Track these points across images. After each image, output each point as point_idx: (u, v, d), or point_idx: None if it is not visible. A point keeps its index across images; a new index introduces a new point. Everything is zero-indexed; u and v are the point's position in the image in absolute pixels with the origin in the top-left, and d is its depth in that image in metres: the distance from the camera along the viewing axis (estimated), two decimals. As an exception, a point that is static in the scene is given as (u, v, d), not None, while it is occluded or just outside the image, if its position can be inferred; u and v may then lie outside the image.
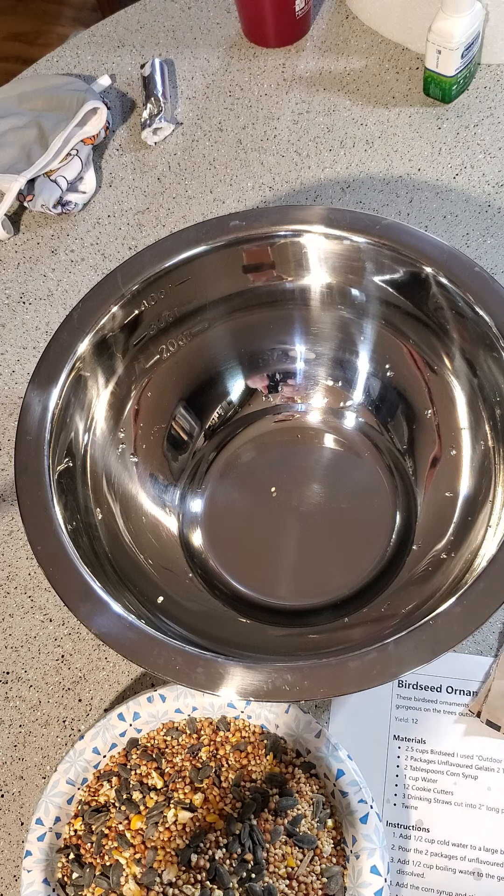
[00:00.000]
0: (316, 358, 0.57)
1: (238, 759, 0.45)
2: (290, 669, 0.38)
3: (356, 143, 0.70)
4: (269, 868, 0.41)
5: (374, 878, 0.40)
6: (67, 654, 0.52)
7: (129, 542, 0.49)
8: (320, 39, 0.77)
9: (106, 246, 0.68)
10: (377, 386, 0.55)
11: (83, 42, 0.81)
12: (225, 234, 0.50)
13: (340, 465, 0.55)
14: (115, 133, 0.74)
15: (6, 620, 0.53)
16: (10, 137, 0.69)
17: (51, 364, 0.47)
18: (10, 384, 0.62)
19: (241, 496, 0.54)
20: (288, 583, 0.51)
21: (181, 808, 0.43)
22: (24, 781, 0.49)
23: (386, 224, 0.49)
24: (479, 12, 0.65)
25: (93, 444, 0.50)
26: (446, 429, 0.51)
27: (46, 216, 0.70)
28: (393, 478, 0.54)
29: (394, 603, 0.48)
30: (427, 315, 0.50)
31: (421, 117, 0.70)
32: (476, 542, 0.45)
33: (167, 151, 0.72)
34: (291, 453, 0.56)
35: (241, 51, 0.77)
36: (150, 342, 0.53)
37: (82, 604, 0.40)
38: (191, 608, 0.49)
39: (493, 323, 0.46)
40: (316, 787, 0.44)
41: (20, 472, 0.44)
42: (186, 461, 0.56)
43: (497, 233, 0.64)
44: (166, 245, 0.50)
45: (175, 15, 0.81)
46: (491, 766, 0.46)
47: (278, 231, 0.51)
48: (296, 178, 0.69)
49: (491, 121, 0.69)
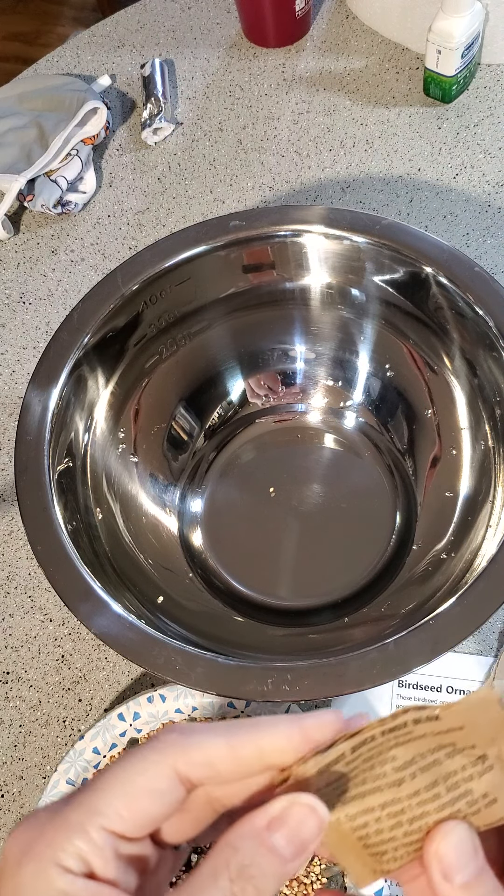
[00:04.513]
0: (316, 358, 0.57)
1: (238, 759, 0.45)
2: (290, 669, 0.38)
3: (356, 143, 0.70)
4: (269, 868, 0.41)
5: (374, 878, 0.40)
6: (67, 654, 0.52)
7: (129, 542, 0.49)
8: (320, 39, 0.77)
9: (106, 246, 0.68)
10: (377, 386, 0.55)
11: (83, 42, 0.81)
12: (225, 234, 0.50)
13: (340, 465, 0.55)
14: (115, 133, 0.74)
15: (6, 620, 0.53)
16: (10, 137, 0.69)
17: (51, 364, 0.47)
18: (10, 384, 0.62)
19: (242, 496, 0.54)
20: (288, 583, 0.51)
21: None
22: (24, 781, 0.49)
23: (386, 224, 0.49)
24: (479, 12, 0.65)
25: (93, 444, 0.50)
26: (446, 429, 0.51)
27: (46, 216, 0.70)
28: (393, 478, 0.54)
29: (394, 603, 0.48)
30: (427, 315, 0.50)
31: (421, 117, 0.70)
32: (476, 542, 0.45)
33: (167, 151, 0.72)
34: (291, 453, 0.56)
35: (241, 51, 0.77)
36: (150, 342, 0.53)
37: (82, 604, 0.40)
38: (191, 608, 0.49)
39: (493, 323, 0.46)
40: (316, 787, 0.44)
41: (20, 472, 0.44)
42: (186, 461, 0.56)
43: (497, 233, 0.64)
44: (166, 245, 0.50)
45: (175, 15, 0.81)
46: (491, 766, 0.46)
47: (278, 231, 0.51)
48: (296, 178, 0.69)
49: (491, 121, 0.69)
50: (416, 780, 0.23)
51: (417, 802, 0.23)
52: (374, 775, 0.23)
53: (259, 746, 0.23)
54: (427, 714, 0.22)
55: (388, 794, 0.23)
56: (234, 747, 0.23)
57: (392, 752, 0.23)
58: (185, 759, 0.22)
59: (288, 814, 0.22)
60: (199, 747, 0.23)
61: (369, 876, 0.24)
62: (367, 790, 0.23)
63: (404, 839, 0.23)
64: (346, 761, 0.23)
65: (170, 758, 0.22)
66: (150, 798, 0.22)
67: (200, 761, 0.22)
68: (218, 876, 0.21)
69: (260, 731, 0.23)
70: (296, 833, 0.21)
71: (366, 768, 0.23)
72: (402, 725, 0.22)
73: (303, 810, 0.22)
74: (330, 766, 0.23)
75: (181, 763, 0.22)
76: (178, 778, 0.22)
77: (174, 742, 0.23)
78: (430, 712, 0.22)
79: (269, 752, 0.23)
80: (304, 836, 0.21)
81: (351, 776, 0.23)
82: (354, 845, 0.23)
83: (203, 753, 0.22)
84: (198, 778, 0.23)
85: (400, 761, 0.23)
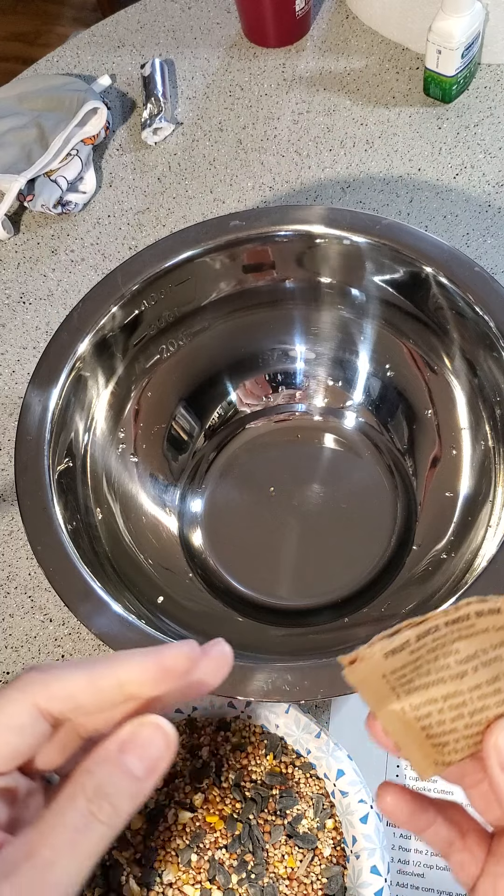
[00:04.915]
0: (316, 358, 0.57)
1: (238, 759, 0.45)
2: (290, 669, 0.38)
3: (356, 143, 0.70)
4: (269, 868, 0.41)
5: (374, 878, 0.40)
6: (67, 654, 0.52)
7: (129, 542, 0.49)
8: (320, 39, 0.77)
9: (106, 246, 0.68)
10: (377, 386, 0.55)
11: (83, 42, 0.81)
12: (225, 234, 0.50)
13: (340, 465, 0.55)
14: (115, 133, 0.74)
15: (6, 620, 0.53)
16: (10, 137, 0.69)
17: (51, 364, 0.47)
18: (10, 384, 0.62)
19: (242, 496, 0.54)
20: (288, 583, 0.51)
21: (181, 808, 0.43)
22: (24, 781, 0.49)
23: (386, 224, 0.49)
24: (479, 12, 0.65)
25: (93, 444, 0.50)
26: (446, 429, 0.51)
27: (46, 216, 0.70)
28: (393, 478, 0.54)
29: (394, 603, 0.48)
30: (427, 315, 0.50)
31: (421, 117, 0.70)
32: (476, 542, 0.45)
33: (167, 151, 0.72)
34: (291, 453, 0.56)
35: (241, 51, 0.77)
36: (150, 342, 0.53)
37: (82, 604, 0.40)
38: (191, 608, 0.49)
39: (493, 323, 0.46)
40: (316, 787, 0.44)
41: (20, 472, 0.44)
42: (186, 461, 0.56)
43: (497, 233, 0.64)
44: (166, 245, 0.50)
45: (175, 15, 0.81)
46: (491, 766, 0.46)
47: (278, 231, 0.51)
48: (296, 178, 0.69)
49: (491, 121, 0.69)
50: (479, 673, 0.23)
51: (478, 696, 0.23)
52: (437, 667, 0.24)
53: (118, 677, 0.24)
54: (489, 607, 0.23)
55: (451, 686, 0.24)
56: (93, 680, 0.24)
57: (455, 644, 0.23)
58: (45, 695, 0.23)
59: (137, 735, 0.23)
60: (60, 681, 0.24)
61: (431, 768, 0.25)
62: (430, 681, 0.24)
63: (465, 731, 0.24)
64: (411, 649, 0.24)
65: (30, 694, 0.23)
66: (13, 733, 0.23)
67: (61, 695, 0.23)
68: (75, 797, 0.22)
69: (119, 663, 0.24)
70: (146, 752, 0.23)
71: (430, 659, 0.24)
72: (465, 617, 0.23)
73: (150, 730, 0.23)
74: (395, 652, 0.24)
75: (41, 698, 0.23)
76: (41, 713, 0.23)
77: (34, 679, 0.24)
78: (492, 605, 0.23)
79: (127, 683, 0.24)
80: (153, 753, 0.23)
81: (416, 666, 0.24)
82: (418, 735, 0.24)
83: (63, 687, 0.24)
84: (60, 711, 0.24)
85: (463, 654, 0.23)
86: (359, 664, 0.24)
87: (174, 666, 0.24)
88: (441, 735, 0.24)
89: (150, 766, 0.23)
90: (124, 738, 0.23)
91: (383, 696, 0.24)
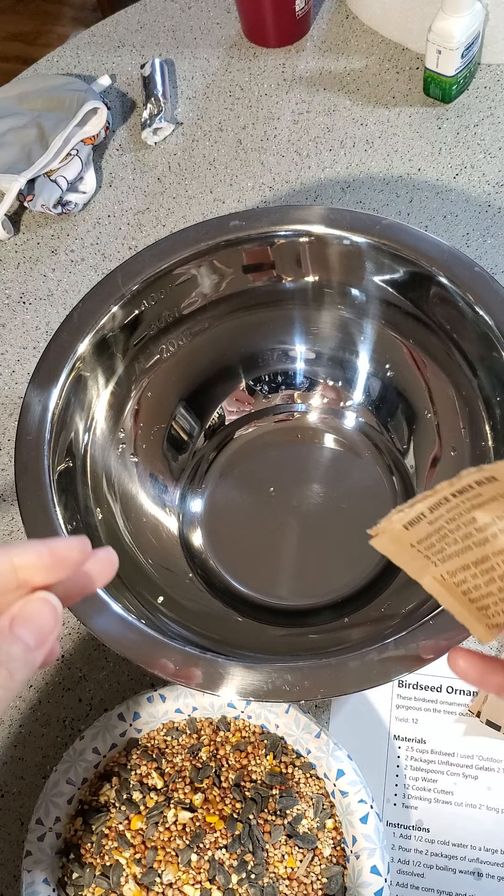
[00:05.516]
0: (316, 358, 0.57)
1: (238, 759, 0.45)
2: (290, 669, 0.38)
3: (356, 143, 0.70)
4: (269, 868, 0.41)
5: (374, 878, 0.40)
6: (67, 654, 0.52)
7: (129, 542, 0.49)
8: (320, 39, 0.77)
9: (106, 246, 0.68)
10: (377, 386, 0.55)
11: (83, 42, 0.81)
12: (225, 234, 0.50)
13: (340, 465, 0.55)
14: (115, 133, 0.74)
15: (6, 620, 0.53)
16: (10, 137, 0.69)
17: (51, 364, 0.47)
18: (10, 384, 0.62)
19: (242, 496, 0.54)
20: (288, 583, 0.51)
21: (181, 808, 0.43)
22: (24, 781, 0.49)
23: (386, 224, 0.49)
24: (479, 12, 0.65)
25: (93, 444, 0.50)
26: (446, 429, 0.51)
27: (46, 216, 0.70)
28: (393, 478, 0.54)
29: (394, 603, 0.48)
30: (427, 315, 0.50)
31: (421, 117, 0.70)
32: (476, 542, 0.45)
33: (167, 151, 0.72)
34: (291, 453, 0.56)
35: (241, 51, 0.77)
36: (150, 342, 0.53)
37: (82, 603, 0.40)
38: (191, 608, 0.49)
39: (493, 323, 0.46)
40: (316, 787, 0.44)
41: (20, 472, 0.44)
42: (186, 461, 0.56)
43: (497, 233, 0.64)
44: (166, 245, 0.50)
45: (175, 15, 0.81)
46: (491, 766, 0.46)
47: (278, 231, 0.51)
48: (296, 178, 0.69)
49: (491, 121, 0.69)
50: (499, 539, 0.25)
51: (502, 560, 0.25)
52: (461, 535, 0.25)
53: (12, 562, 0.26)
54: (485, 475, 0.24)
55: (478, 552, 0.25)
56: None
57: (472, 513, 0.25)
58: None
59: (26, 610, 0.26)
60: None
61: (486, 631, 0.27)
62: (458, 549, 0.26)
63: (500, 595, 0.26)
64: (429, 520, 0.25)
65: None
66: None
67: None
68: None
69: (13, 550, 0.26)
70: (36, 623, 0.26)
71: (452, 529, 0.25)
72: (468, 487, 0.25)
73: (38, 604, 0.26)
74: (413, 524, 0.26)
75: None
76: None
77: None
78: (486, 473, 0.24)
79: (21, 567, 0.26)
80: (42, 624, 0.26)
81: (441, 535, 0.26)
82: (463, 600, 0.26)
83: None
84: None
85: (480, 522, 0.25)
86: (382, 535, 0.26)
87: (66, 555, 0.27)
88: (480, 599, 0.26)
89: (40, 635, 0.26)
90: (14, 612, 0.26)
91: (421, 564, 0.26)
